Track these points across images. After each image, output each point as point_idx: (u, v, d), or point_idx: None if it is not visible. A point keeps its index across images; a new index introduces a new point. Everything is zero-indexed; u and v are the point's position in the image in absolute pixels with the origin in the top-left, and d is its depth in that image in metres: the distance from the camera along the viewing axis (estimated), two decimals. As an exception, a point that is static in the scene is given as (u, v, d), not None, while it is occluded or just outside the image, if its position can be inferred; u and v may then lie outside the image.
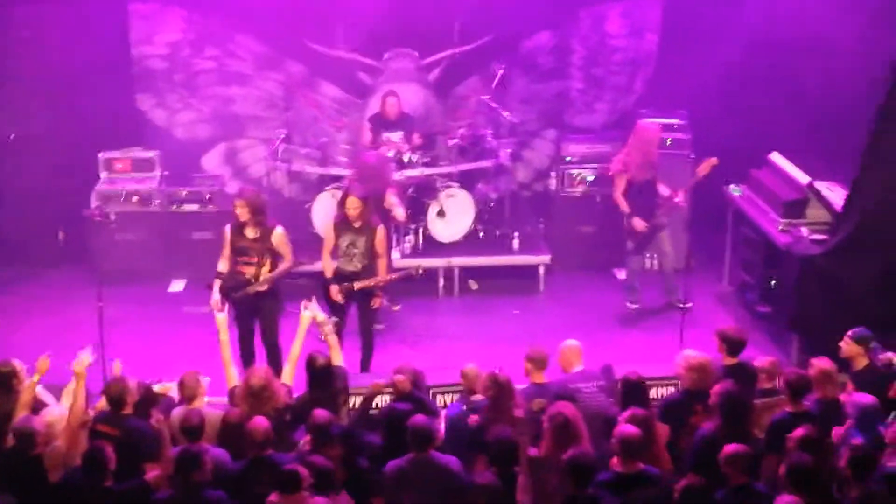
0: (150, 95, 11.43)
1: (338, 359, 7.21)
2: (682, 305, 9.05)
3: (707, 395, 6.50)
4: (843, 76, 9.20)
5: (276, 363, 7.83)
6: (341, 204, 8.47)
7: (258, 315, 8.23)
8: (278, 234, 8.15)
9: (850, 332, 7.13)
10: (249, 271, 8.12)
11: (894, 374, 6.88)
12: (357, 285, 8.29)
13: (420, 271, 8.80)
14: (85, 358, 6.63)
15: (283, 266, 8.19)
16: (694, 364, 6.79)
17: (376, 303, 8.46)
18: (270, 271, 8.14)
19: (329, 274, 8.41)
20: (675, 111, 10.74)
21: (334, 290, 8.30)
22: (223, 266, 8.22)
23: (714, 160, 9.40)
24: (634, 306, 10.02)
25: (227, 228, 8.24)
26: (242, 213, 8.07)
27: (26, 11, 10.29)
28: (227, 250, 8.21)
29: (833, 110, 9.43)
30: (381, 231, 8.39)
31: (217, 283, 8.14)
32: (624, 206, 9.68)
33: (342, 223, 8.39)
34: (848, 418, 6.38)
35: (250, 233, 8.12)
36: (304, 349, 7.11)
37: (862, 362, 7.04)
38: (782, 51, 10.44)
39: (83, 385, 6.56)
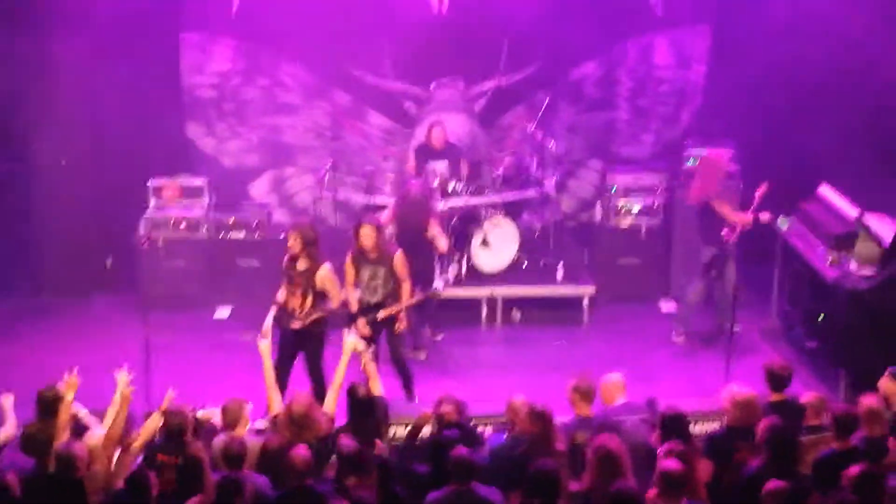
0: (199, 124, 11.57)
1: (377, 388, 7.22)
2: (731, 330, 8.92)
3: (751, 431, 6.41)
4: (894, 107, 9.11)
5: (322, 396, 7.82)
6: (355, 234, 8.41)
7: (302, 348, 8.21)
8: (323, 272, 8.08)
9: (889, 370, 7.02)
10: (293, 303, 8.13)
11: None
12: (381, 315, 8.32)
13: (439, 293, 8.71)
14: (123, 377, 6.67)
15: (326, 305, 8.17)
16: (739, 400, 6.70)
17: (400, 327, 8.46)
18: (312, 306, 8.14)
19: (354, 308, 8.40)
20: (722, 142, 10.66)
21: (361, 323, 8.30)
22: (282, 295, 8.18)
23: (766, 185, 9.34)
24: (681, 339, 9.92)
25: (286, 258, 8.15)
26: (295, 244, 8.06)
27: (81, 38, 10.46)
28: (286, 280, 8.16)
29: (884, 141, 9.31)
30: (398, 257, 8.40)
31: (273, 311, 8.12)
32: (745, 218, 9.51)
33: (359, 256, 8.38)
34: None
35: (301, 265, 8.11)
36: (346, 378, 7.13)
37: (903, 401, 6.93)
38: (832, 82, 10.35)
39: (126, 407, 6.62)
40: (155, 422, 6.69)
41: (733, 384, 7.00)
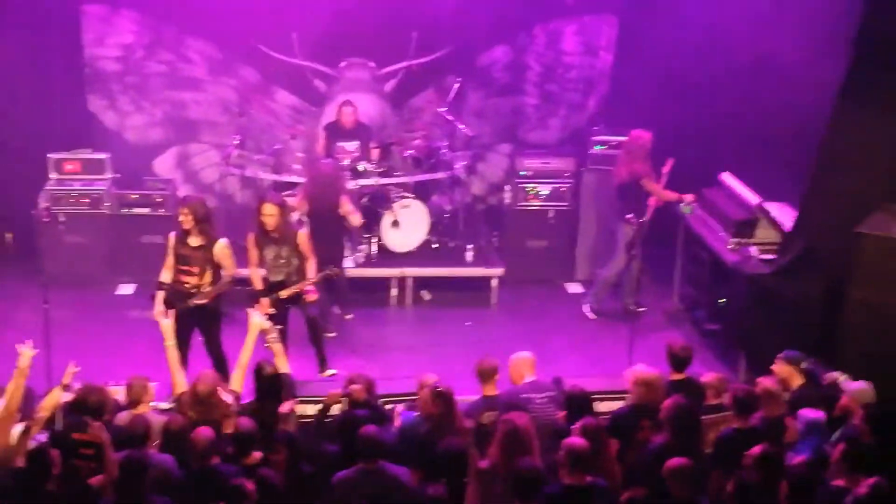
0: (101, 97, 11.29)
1: (284, 366, 7.19)
2: (637, 309, 9.20)
3: (654, 410, 6.56)
4: (794, 97, 9.34)
5: (223, 372, 7.75)
6: (257, 213, 8.30)
7: (199, 326, 8.11)
8: (221, 246, 8.04)
9: (780, 354, 7.24)
10: (191, 281, 8.01)
11: (839, 394, 6.98)
12: (283, 294, 8.25)
13: (336, 272, 8.73)
14: (27, 352, 6.50)
15: (225, 279, 8.09)
16: (642, 380, 6.85)
17: (311, 297, 8.36)
18: (212, 283, 8.03)
19: (259, 286, 8.32)
20: (627, 129, 10.81)
21: (265, 302, 8.19)
22: (166, 276, 8.10)
23: (671, 161, 9.54)
24: (592, 314, 10.14)
25: (172, 237, 8.13)
26: (186, 220, 7.96)
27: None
28: (170, 259, 8.10)
29: (783, 131, 9.57)
30: (301, 235, 8.37)
31: (160, 294, 8.01)
32: (672, 195, 9.75)
33: (262, 235, 8.30)
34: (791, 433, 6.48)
35: (193, 241, 8.02)
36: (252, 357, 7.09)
37: (796, 382, 7.13)
38: (735, 71, 10.58)
39: (23, 381, 6.43)
40: (55, 397, 6.54)
41: (638, 365, 7.14)
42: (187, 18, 11.13)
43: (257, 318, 7.35)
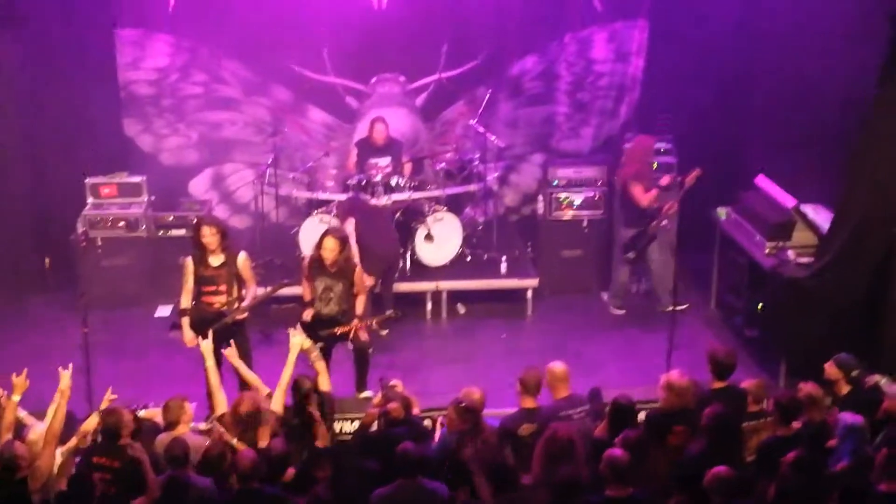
0: (137, 121, 11.41)
1: (325, 384, 7.19)
2: (667, 308, 9.24)
3: (687, 415, 6.50)
4: (830, 101, 9.25)
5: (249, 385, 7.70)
6: (318, 245, 8.24)
7: (227, 341, 7.88)
8: (243, 259, 8.00)
9: (833, 358, 7.16)
10: (219, 300, 7.94)
11: (881, 397, 6.89)
12: (338, 331, 8.14)
13: (398, 314, 8.76)
14: (66, 375, 6.58)
15: (261, 291, 8.05)
16: (671, 385, 6.82)
17: (362, 335, 8.26)
18: (239, 298, 8.01)
19: (308, 318, 8.20)
20: (661, 135, 10.77)
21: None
22: (186, 301, 7.99)
23: (698, 171, 9.46)
24: (620, 311, 10.27)
25: (189, 261, 7.99)
26: (213, 240, 7.85)
27: (13, 33, 10.30)
28: (189, 284, 7.97)
29: (820, 134, 9.47)
30: (358, 272, 8.31)
31: (186, 321, 7.95)
32: (653, 200, 9.87)
33: (317, 265, 8.22)
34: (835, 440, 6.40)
35: (215, 260, 7.93)
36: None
37: (845, 387, 7.06)
38: (769, 75, 10.52)
39: (64, 404, 6.52)
40: (91, 423, 6.61)
41: (673, 371, 7.08)
42: (220, 39, 11.23)
43: (298, 338, 7.36)
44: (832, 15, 9.16)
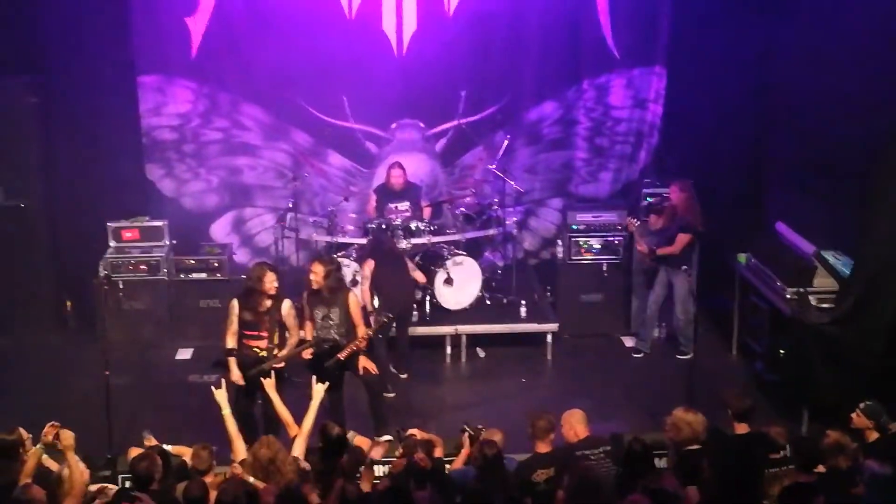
0: (159, 166, 11.51)
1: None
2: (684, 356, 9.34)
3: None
4: (852, 147, 9.25)
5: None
6: (308, 271, 8.37)
7: (262, 391, 7.96)
8: (287, 307, 8.08)
9: (861, 405, 7.09)
10: (261, 345, 8.00)
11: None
12: (341, 355, 8.17)
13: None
14: (69, 434, 6.56)
15: (301, 343, 8.10)
16: (684, 420, 6.79)
17: (370, 367, 8.29)
18: (279, 345, 8.07)
19: (306, 355, 8.21)
20: (680, 181, 10.78)
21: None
22: (231, 342, 8.06)
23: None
24: (639, 355, 10.28)
25: (235, 303, 8.11)
26: (272, 286, 7.97)
27: (35, 79, 10.44)
28: (234, 326, 8.05)
29: (841, 180, 9.47)
30: (352, 297, 8.37)
31: (233, 361, 7.99)
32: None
33: (313, 295, 8.31)
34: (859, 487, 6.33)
35: (263, 305, 8.02)
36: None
37: (872, 435, 7.00)
38: (789, 122, 10.54)
39: (73, 454, 6.50)
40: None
41: (677, 409, 7.02)
42: (241, 85, 11.35)
43: (321, 385, 7.38)
44: (852, 59, 9.19)
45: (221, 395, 7.32)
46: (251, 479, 6.50)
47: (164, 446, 7.01)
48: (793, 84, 10.36)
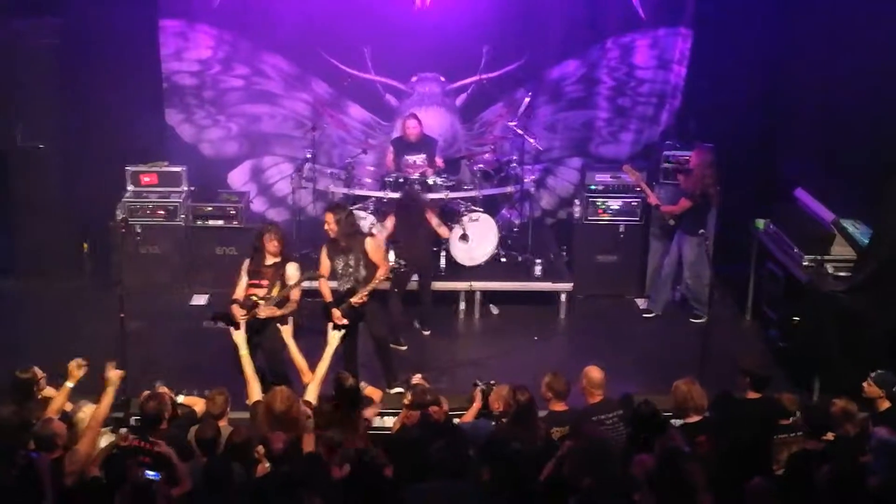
0: (178, 111, 11.50)
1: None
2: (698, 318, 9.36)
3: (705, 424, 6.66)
4: (875, 115, 9.17)
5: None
6: (324, 223, 8.39)
7: (261, 339, 8.02)
8: (293, 268, 8.13)
9: (872, 374, 7.09)
10: (258, 293, 8.05)
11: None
12: (354, 300, 8.21)
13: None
14: (118, 373, 6.68)
15: (291, 297, 8.13)
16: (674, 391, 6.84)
17: (356, 301, 8.22)
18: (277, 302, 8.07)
19: (328, 298, 8.33)
20: (701, 144, 10.70)
21: (336, 314, 8.17)
22: (238, 293, 8.13)
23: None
24: (650, 315, 10.34)
25: (247, 262, 8.21)
26: (273, 246, 8.05)
27: (54, 22, 10.41)
28: (243, 282, 8.14)
29: (862, 148, 9.39)
30: (369, 242, 8.38)
31: (236, 306, 8.00)
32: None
33: (330, 245, 8.36)
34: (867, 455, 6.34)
35: (268, 260, 8.11)
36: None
37: (884, 404, 7.00)
38: (812, 86, 10.44)
39: (113, 393, 6.61)
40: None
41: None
42: (262, 33, 11.30)
43: (338, 333, 7.43)
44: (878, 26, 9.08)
45: (240, 336, 7.39)
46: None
47: (177, 398, 7.07)
48: (820, 51, 10.23)
